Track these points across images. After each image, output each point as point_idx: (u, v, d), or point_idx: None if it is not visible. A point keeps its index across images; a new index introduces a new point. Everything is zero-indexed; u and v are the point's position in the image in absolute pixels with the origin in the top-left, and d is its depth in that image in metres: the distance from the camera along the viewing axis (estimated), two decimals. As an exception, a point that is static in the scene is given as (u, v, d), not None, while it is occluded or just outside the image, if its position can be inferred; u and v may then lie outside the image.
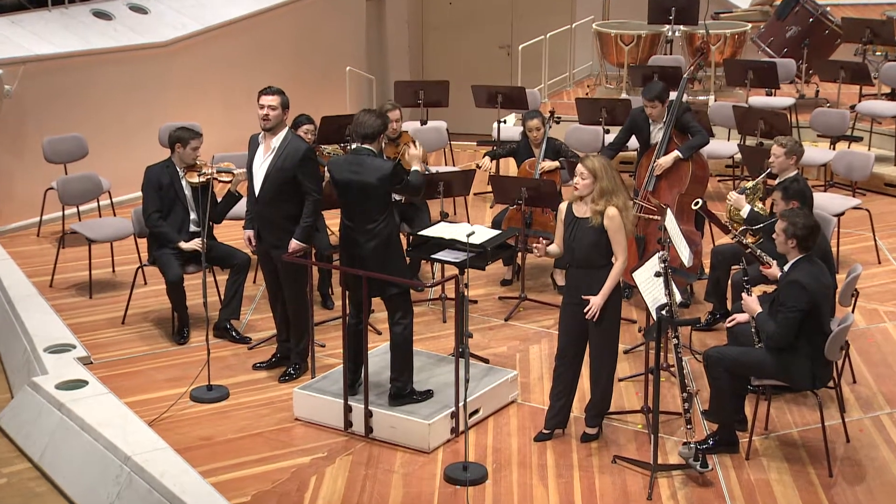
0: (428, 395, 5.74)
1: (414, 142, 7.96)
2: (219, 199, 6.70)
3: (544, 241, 5.40)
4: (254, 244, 6.23)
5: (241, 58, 10.79)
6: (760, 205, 6.80)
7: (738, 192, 6.65)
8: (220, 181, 6.79)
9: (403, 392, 5.67)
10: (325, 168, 7.99)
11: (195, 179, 6.70)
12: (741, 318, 5.61)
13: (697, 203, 6.13)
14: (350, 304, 5.76)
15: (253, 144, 6.14)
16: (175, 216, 6.77)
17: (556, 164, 7.66)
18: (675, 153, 7.04)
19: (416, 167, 5.75)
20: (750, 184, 6.82)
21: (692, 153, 7.09)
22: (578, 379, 5.54)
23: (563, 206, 5.42)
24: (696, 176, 7.03)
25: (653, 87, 7.20)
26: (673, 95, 7.27)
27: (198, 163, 6.79)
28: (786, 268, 5.31)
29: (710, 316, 6.84)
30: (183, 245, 6.72)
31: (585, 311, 5.24)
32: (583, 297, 5.25)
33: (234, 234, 7.99)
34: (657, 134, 7.21)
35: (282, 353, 6.42)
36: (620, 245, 5.28)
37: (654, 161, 7.08)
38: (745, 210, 6.54)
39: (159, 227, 6.72)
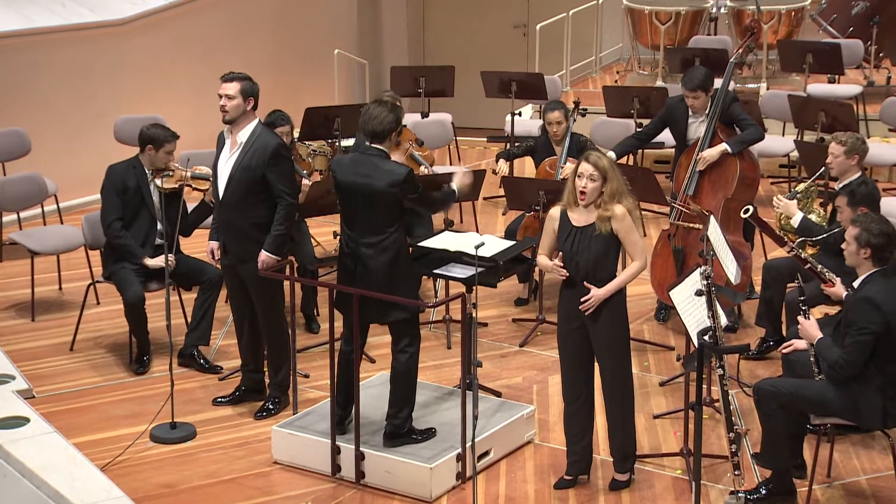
0: (430, 434, 5.75)
1: (417, 140, 8.00)
2: (189, 209, 6.74)
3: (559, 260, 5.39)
4: (217, 257, 6.24)
5: (213, 39, 10.84)
6: (821, 212, 6.79)
7: (787, 197, 6.66)
8: (195, 189, 6.81)
9: (401, 431, 5.68)
10: (315, 164, 8.00)
11: (166, 185, 6.73)
12: (799, 344, 5.61)
13: (747, 210, 6.14)
14: (345, 327, 5.78)
15: (221, 140, 6.16)
16: (139, 226, 6.78)
17: (581, 164, 7.68)
18: (723, 146, 7.03)
19: (455, 185, 5.80)
20: (801, 187, 6.82)
21: (742, 149, 7.10)
22: (594, 415, 5.55)
23: (554, 213, 5.41)
24: (744, 177, 7.04)
25: (694, 74, 7.21)
26: (718, 84, 7.29)
27: (170, 165, 6.80)
28: (856, 283, 5.30)
29: (762, 343, 6.85)
30: (148, 262, 6.74)
31: (582, 301, 5.24)
32: (585, 283, 5.25)
33: (203, 245, 8.01)
34: (698, 128, 7.21)
35: (247, 385, 6.44)
36: (637, 246, 5.31)
37: (697, 159, 7.09)
38: (797, 218, 6.54)
39: (121, 239, 6.73)
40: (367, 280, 5.58)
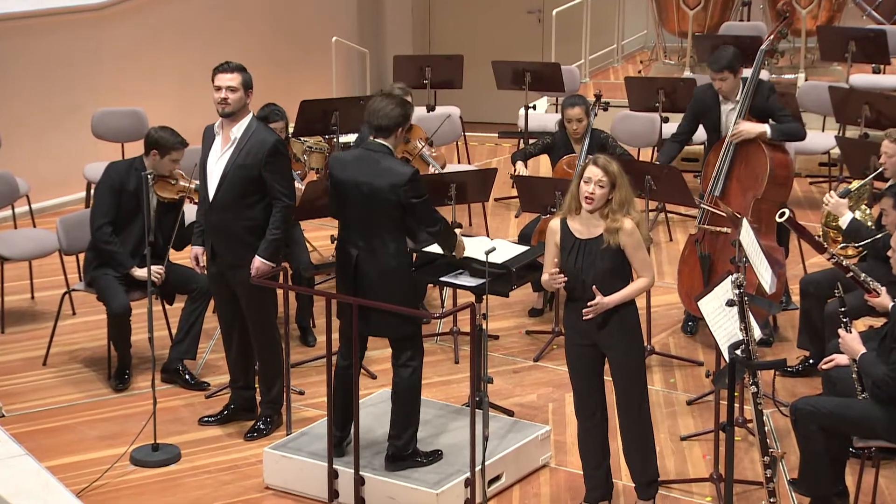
0: (436, 456, 5.75)
1: (428, 140, 8.00)
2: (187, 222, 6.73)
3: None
4: (202, 264, 6.25)
5: (199, 25, 10.87)
6: (867, 211, 6.77)
7: (838, 194, 6.65)
8: (195, 201, 6.81)
9: (404, 452, 5.68)
10: (309, 162, 8.01)
11: (166, 193, 6.73)
12: (840, 359, 5.60)
13: (783, 214, 6.13)
14: (341, 340, 5.78)
15: (208, 137, 6.16)
16: (131, 233, 6.78)
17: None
18: (764, 127, 7.05)
19: (457, 245, 5.65)
20: (855, 185, 6.80)
21: (781, 140, 7.10)
22: (608, 434, 5.55)
23: (553, 225, 5.38)
24: (775, 175, 7.03)
25: (720, 55, 7.22)
26: (747, 72, 7.29)
27: (174, 173, 6.80)
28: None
29: (805, 361, 6.83)
30: (136, 272, 6.74)
31: (587, 308, 5.25)
32: (594, 287, 5.23)
33: (188, 251, 8.01)
34: (730, 116, 7.22)
35: (236, 403, 6.45)
36: (645, 262, 5.32)
37: (732, 131, 7.05)
38: (846, 218, 6.52)
39: (110, 245, 6.73)
40: (363, 288, 5.58)
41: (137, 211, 6.72)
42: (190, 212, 6.76)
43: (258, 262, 6.00)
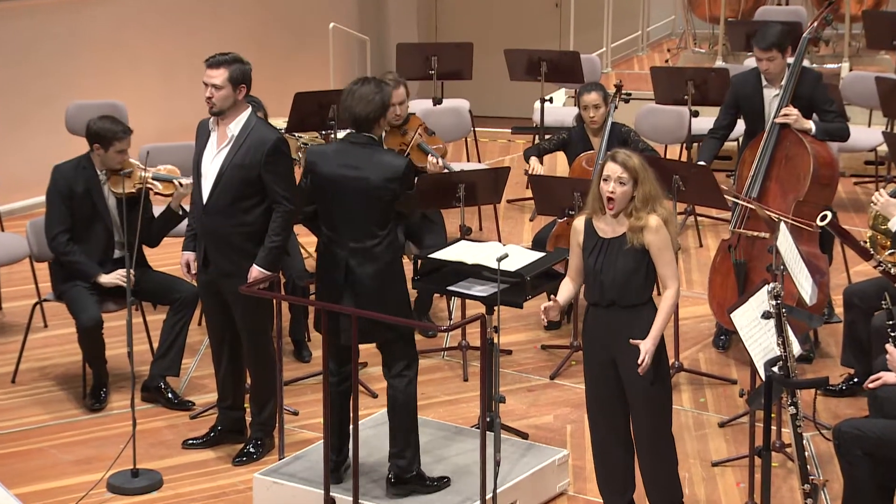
0: (443, 483, 5.75)
1: (426, 128, 8.01)
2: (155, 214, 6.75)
3: (554, 300, 5.36)
4: (194, 272, 6.25)
5: (184, 10, 10.89)
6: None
7: (889, 194, 6.63)
8: (158, 193, 6.82)
9: (408, 475, 5.68)
10: (301, 161, 8.00)
11: (123, 188, 6.75)
12: (888, 377, 5.58)
13: (825, 217, 6.12)
14: (329, 355, 5.79)
15: (202, 132, 6.17)
16: (94, 240, 6.79)
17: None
18: (810, 123, 7.06)
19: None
20: (908, 184, 6.81)
21: (825, 139, 7.10)
22: (634, 461, 5.54)
23: (578, 224, 5.41)
24: (819, 175, 7.03)
25: (768, 30, 7.21)
26: (789, 62, 7.29)
27: (126, 165, 6.80)
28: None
29: (849, 379, 6.82)
30: (103, 279, 6.75)
31: (639, 362, 5.24)
32: (631, 340, 5.26)
33: (174, 256, 8.01)
34: (773, 103, 7.19)
35: (224, 424, 6.44)
36: (671, 266, 5.31)
37: (777, 113, 7.02)
38: (896, 221, 6.52)
39: (69, 255, 6.75)
40: (355, 293, 5.59)
41: (94, 214, 6.74)
42: (156, 203, 6.78)
43: (256, 271, 6.01)
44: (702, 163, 7.40)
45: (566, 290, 5.48)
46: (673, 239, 5.33)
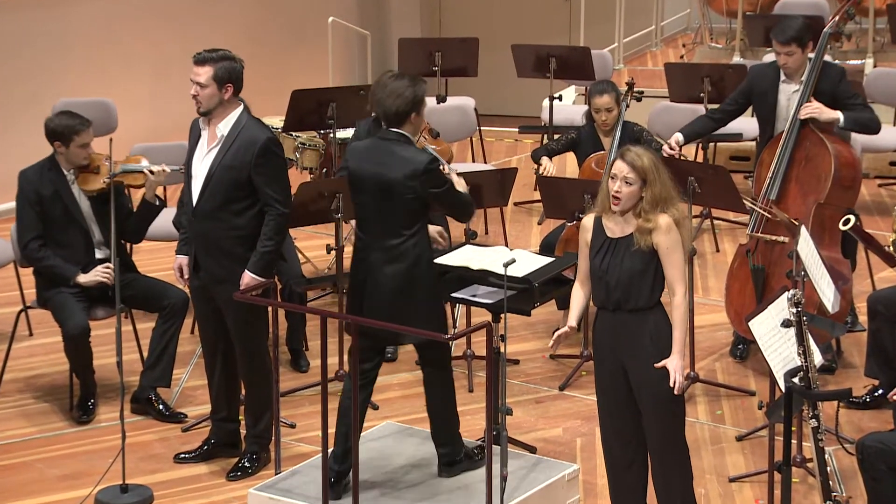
0: (483, 452, 5.93)
1: (430, 130, 8.00)
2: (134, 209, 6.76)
3: (570, 328, 5.38)
4: (186, 277, 6.25)
5: (178, 4, 10.89)
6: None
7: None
8: (130, 185, 6.82)
9: (457, 457, 5.93)
10: (299, 161, 7.98)
11: (92, 186, 6.73)
12: (914, 388, 5.58)
13: (847, 221, 6.11)
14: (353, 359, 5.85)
15: (195, 131, 6.17)
16: (72, 243, 6.78)
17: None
18: (837, 114, 7.05)
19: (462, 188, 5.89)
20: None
21: (854, 130, 7.08)
22: (648, 476, 5.52)
23: (587, 222, 5.41)
24: (841, 176, 7.02)
25: (788, 24, 7.21)
26: (811, 56, 7.27)
27: (93, 160, 6.79)
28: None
29: (874, 391, 6.80)
30: (81, 279, 6.74)
31: (672, 384, 5.23)
32: (655, 365, 5.25)
33: (164, 261, 8.01)
34: (791, 99, 7.19)
35: (217, 437, 6.43)
36: (678, 268, 5.29)
37: (801, 105, 7.01)
38: (920, 226, 6.51)
39: (43, 261, 6.73)
40: (375, 293, 5.65)
41: (66, 217, 6.74)
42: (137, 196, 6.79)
43: (248, 277, 6.01)
44: (677, 134, 7.35)
45: (578, 297, 5.47)
46: (685, 242, 5.32)
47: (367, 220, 5.72)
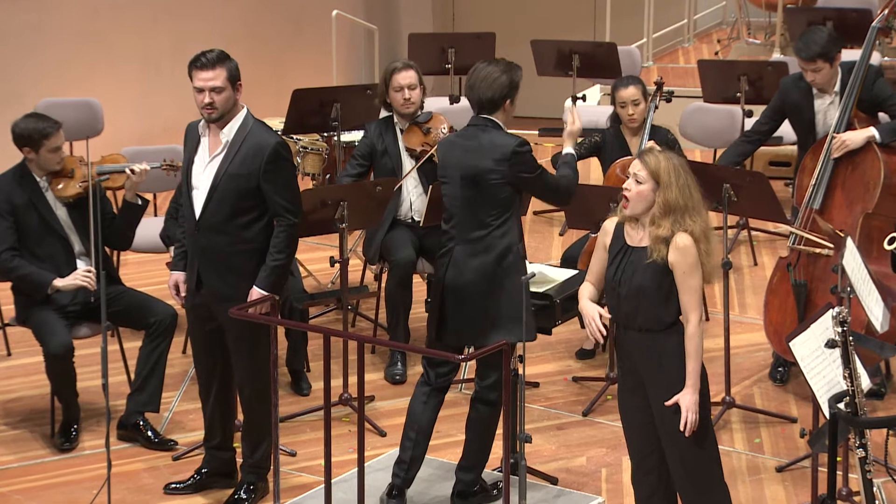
0: (499, 488, 5.97)
1: (451, 128, 8.01)
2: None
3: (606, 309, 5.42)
4: (183, 294, 6.27)
5: (167, -3, 10.93)
6: None
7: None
8: (110, 189, 6.83)
9: (473, 487, 5.94)
10: (301, 166, 7.99)
11: (69, 191, 6.75)
12: (969, 415, 5.57)
13: (893, 239, 6.12)
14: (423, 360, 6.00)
15: (192, 137, 6.15)
16: (51, 254, 6.78)
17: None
18: (870, 131, 7.04)
19: (568, 149, 6.02)
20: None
21: (894, 140, 7.09)
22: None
23: (608, 225, 5.43)
24: (890, 184, 7.02)
25: (811, 38, 7.22)
26: (854, 55, 7.27)
27: (67, 164, 6.79)
28: None
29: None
30: (59, 283, 6.74)
31: (682, 424, 5.23)
32: (665, 403, 5.25)
33: (152, 274, 8.02)
34: (828, 112, 7.20)
35: (211, 466, 6.44)
36: (694, 294, 5.25)
37: (831, 141, 7.03)
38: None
39: (16, 271, 6.71)
40: (456, 288, 5.74)
41: (43, 226, 6.76)
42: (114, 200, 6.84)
43: (256, 293, 6.01)
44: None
45: (584, 299, 5.45)
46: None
47: (453, 212, 5.83)
